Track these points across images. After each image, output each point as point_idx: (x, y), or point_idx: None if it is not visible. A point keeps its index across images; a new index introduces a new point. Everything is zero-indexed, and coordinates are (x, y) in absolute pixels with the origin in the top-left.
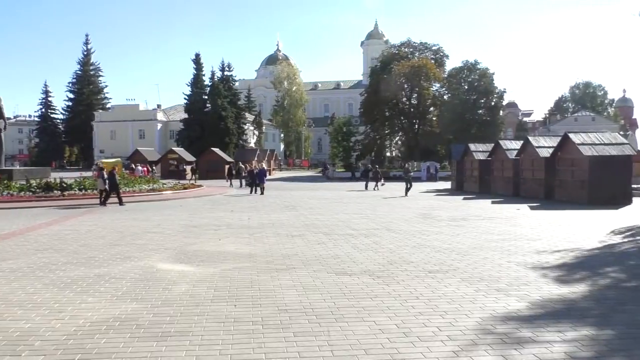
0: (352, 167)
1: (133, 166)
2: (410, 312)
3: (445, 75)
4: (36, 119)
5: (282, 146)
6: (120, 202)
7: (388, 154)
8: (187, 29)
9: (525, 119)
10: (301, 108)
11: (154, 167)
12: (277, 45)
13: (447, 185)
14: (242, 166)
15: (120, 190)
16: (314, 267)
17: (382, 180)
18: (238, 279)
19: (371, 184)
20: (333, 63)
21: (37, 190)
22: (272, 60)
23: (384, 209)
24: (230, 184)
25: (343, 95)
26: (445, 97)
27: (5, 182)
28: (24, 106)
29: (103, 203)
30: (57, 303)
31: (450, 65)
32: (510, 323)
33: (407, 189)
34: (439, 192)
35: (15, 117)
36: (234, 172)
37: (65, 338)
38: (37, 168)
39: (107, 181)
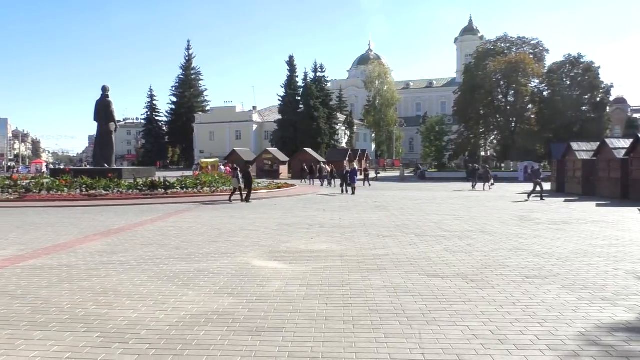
0: (467, 166)
1: (231, 166)
2: (506, 318)
3: (545, 71)
4: (142, 121)
5: (373, 146)
6: (248, 199)
7: (482, 153)
8: (281, 32)
9: (635, 115)
10: (392, 107)
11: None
12: (369, 45)
13: (546, 186)
14: (323, 166)
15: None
16: (405, 268)
17: (492, 180)
18: (329, 278)
19: (479, 184)
20: (425, 61)
21: (144, 188)
22: (363, 60)
23: (478, 211)
24: (312, 182)
25: (436, 93)
26: (544, 93)
27: (115, 180)
28: (132, 110)
29: (245, 199)
30: (161, 295)
31: (550, 59)
32: (617, 335)
33: (539, 192)
34: (537, 193)
35: (124, 120)
36: (315, 171)
37: (168, 329)
38: (143, 168)
39: (241, 179)
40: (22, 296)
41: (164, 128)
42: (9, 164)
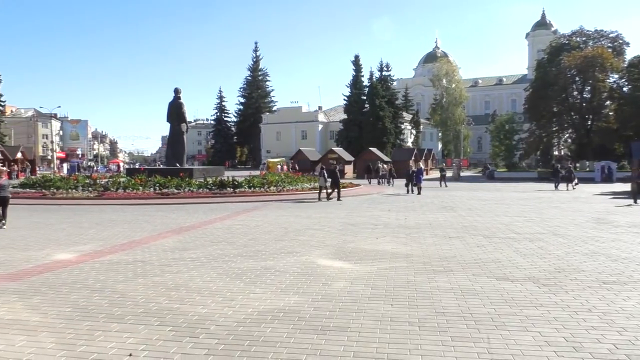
0: (554, 166)
1: (297, 166)
2: (580, 325)
3: (625, 65)
4: (212, 122)
5: (439, 145)
6: (338, 197)
7: (555, 152)
8: (347, 31)
9: None
10: (460, 106)
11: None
12: (436, 42)
13: (626, 187)
14: (380, 165)
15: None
16: (473, 270)
17: (576, 180)
18: (394, 279)
19: (562, 185)
20: (495, 58)
21: (213, 187)
22: (430, 58)
23: (551, 212)
24: (369, 182)
25: (505, 91)
26: (624, 89)
27: (186, 179)
28: (203, 111)
29: (328, 197)
30: (229, 292)
31: (631, 53)
32: None
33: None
34: (615, 194)
35: (195, 121)
36: (371, 170)
37: (236, 325)
38: (212, 167)
39: (328, 179)
40: (100, 289)
41: (233, 128)
42: (88, 163)
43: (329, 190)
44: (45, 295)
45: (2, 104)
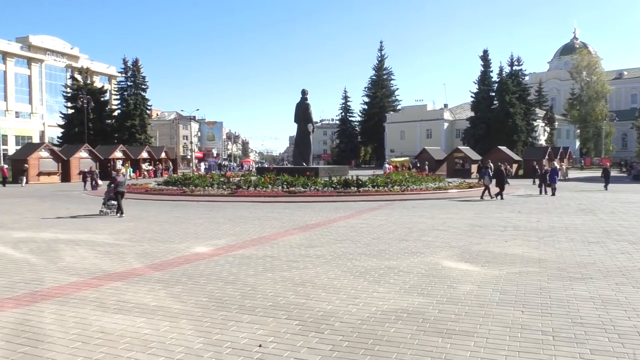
0: None
1: (426, 166)
2: None
3: None
4: (337, 122)
5: (577, 143)
6: (501, 196)
7: None
8: (474, 27)
9: None
10: (602, 100)
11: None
12: (574, 32)
13: None
14: (490, 165)
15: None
16: (616, 279)
17: None
18: (525, 284)
19: None
20: None
21: (338, 186)
22: (567, 49)
23: None
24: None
25: None
26: None
27: (312, 178)
28: (328, 111)
29: (493, 197)
30: (353, 290)
31: None
32: None
33: None
34: None
35: (321, 121)
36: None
37: (359, 323)
38: (337, 166)
39: (492, 178)
40: (233, 282)
41: (357, 128)
42: (223, 162)
43: (494, 189)
44: (185, 285)
45: (149, 108)
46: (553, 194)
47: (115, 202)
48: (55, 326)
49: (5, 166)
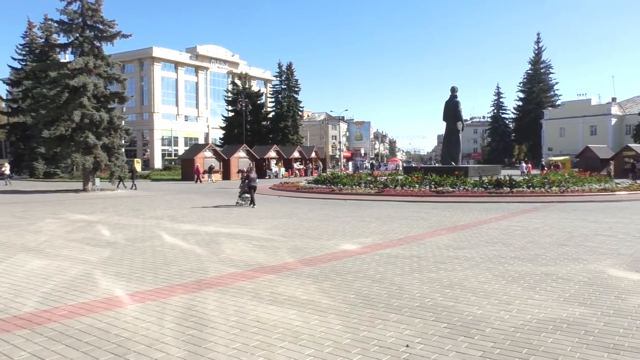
0: None
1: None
2: None
3: None
4: (488, 119)
5: None
6: None
7: None
8: None
9: None
10: None
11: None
12: None
13: None
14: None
15: None
16: None
17: None
18: None
19: None
20: None
21: (489, 186)
22: None
23: None
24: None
25: None
26: None
27: (461, 178)
28: (479, 108)
29: None
30: (505, 295)
31: None
32: None
33: None
34: None
35: (471, 119)
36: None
37: (512, 330)
38: (488, 166)
39: None
40: (379, 280)
41: (510, 126)
42: (370, 162)
43: None
44: (334, 281)
45: (301, 109)
46: None
47: (248, 195)
48: (217, 313)
49: (198, 165)
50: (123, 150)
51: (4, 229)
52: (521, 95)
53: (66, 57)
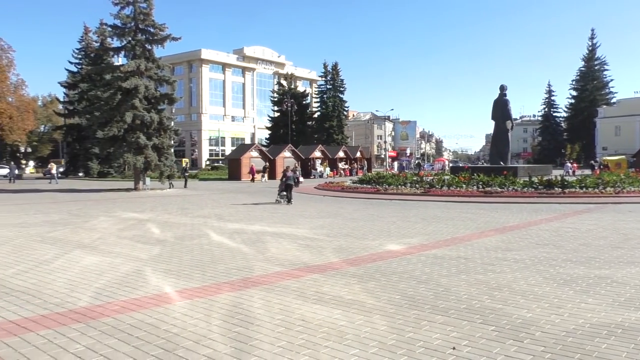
0: None
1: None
2: None
3: None
4: (539, 118)
5: None
6: None
7: None
8: None
9: None
10: None
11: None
12: None
13: None
14: None
15: None
16: None
17: None
18: None
19: None
20: None
21: (539, 186)
22: None
23: None
24: None
25: None
26: None
27: (510, 178)
28: (529, 107)
29: None
30: (556, 298)
31: None
32: None
33: None
34: None
35: (520, 118)
36: None
37: (564, 334)
38: (538, 165)
39: None
40: (425, 281)
41: (562, 124)
42: (416, 161)
43: None
44: (379, 281)
45: (346, 109)
46: None
47: (285, 193)
48: (263, 311)
49: (253, 165)
50: (172, 150)
51: (62, 226)
52: (574, 93)
53: (119, 60)
